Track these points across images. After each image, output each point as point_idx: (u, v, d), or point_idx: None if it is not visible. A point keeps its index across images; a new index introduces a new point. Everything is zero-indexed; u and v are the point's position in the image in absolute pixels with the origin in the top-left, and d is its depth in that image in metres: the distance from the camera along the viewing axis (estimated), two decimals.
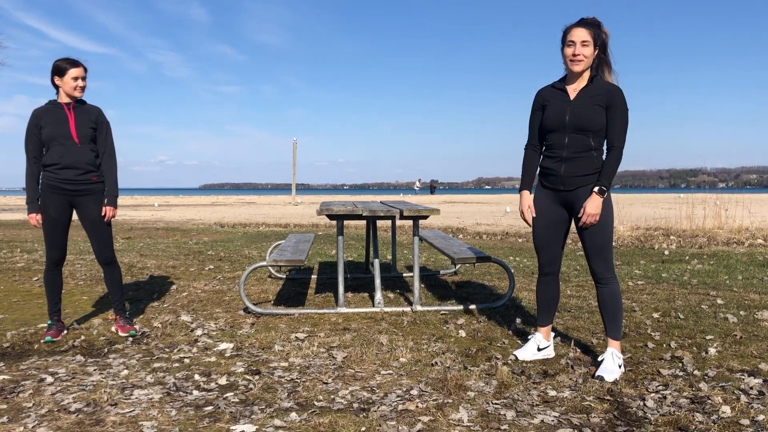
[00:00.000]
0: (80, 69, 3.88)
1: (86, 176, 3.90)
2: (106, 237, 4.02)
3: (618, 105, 3.14)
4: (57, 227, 3.92)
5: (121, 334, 4.03)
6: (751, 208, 17.13)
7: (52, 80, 3.89)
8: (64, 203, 3.90)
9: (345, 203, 5.34)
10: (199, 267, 7.16)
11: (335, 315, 4.64)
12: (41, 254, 8.32)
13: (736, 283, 5.87)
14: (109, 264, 4.08)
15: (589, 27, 3.17)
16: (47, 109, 3.90)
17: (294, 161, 33.56)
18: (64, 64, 3.85)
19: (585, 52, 3.16)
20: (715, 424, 2.52)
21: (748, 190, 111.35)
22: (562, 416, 2.64)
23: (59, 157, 3.83)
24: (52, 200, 3.88)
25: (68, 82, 3.85)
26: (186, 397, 2.89)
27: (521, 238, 10.56)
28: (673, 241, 9.64)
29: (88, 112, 3.95)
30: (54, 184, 3.86)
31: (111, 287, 4.13)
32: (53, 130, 3.83)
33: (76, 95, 3.90)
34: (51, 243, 3.94)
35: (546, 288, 3.50)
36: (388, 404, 2.77)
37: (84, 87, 3.92)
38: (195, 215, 19.39)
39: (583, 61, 3.17)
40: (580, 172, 3.20)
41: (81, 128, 3.88)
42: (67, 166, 3.84)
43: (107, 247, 4.04)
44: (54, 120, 3.85)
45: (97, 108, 4.03)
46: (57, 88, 3.91)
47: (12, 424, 2.56)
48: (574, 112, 3.18)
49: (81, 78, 3.88)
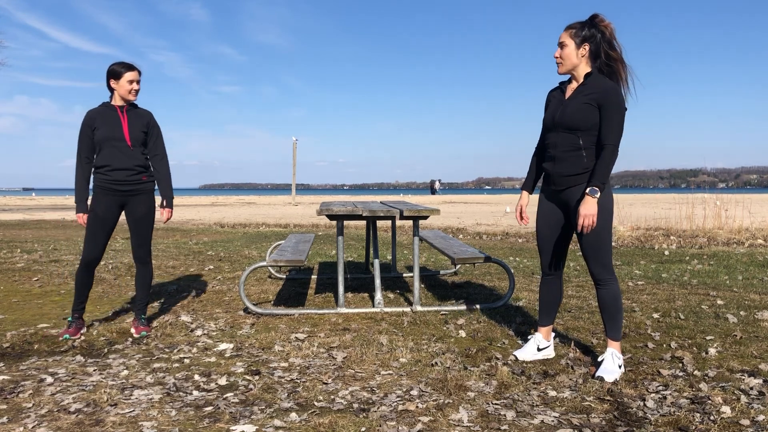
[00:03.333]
0: (135, 72, 3.96)
1: (137, 176, 3.97)
2: (146, 236, 4.08)
3: (612, 104, 3.07)
4: (102, 227, 3.95)
5: (134, 334, 4.04)
6: (751, 209, 17.13)
7: (108, 83, 3.96)
8: (114, 203, 3.96)
9: (345, 203, 5.33)
10: (199, 267, 7.16)
11: (335, 315, 4.63)
12: (41, 254, 8.32)
13: (736, 283, 5.87)
14: (143, 263, 4.13)
15: (569, 28, 3.20)
16: (101, 111, 3.96)
17: (294, 161, 33.56)
18: (120, 68, 3.92)
19: (563, 53, 3.20)
20: (715, 425, 2.52)
21: (748, 190, 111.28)
22: (562, 416, 2.64)
23: (112, 158, 3.90)
24: (103, 201, 3.93)
25: (124, 85, 3.92)
26: (186, 397, 2.89)
27: (521, 239, 10.55)
28: (673, 241, 9.64)
29: (141, 116, 4.02)
30: (106, 185, 3.92)
31: (139, 286, 4.17)
32: (107, 132, 3.89)
33: (131, 98, 3.97)
34: (91, 241, 3.96)
35: (548, 289, 3.50)
36: (388, 404, 2.77)
37: (138, 90, 3.99)
38: (195, 215, 19.40)
39: (562, 63, 3.22)
40: (568, 171, 3.19)
41: (134, 131, 3.95)
42: (118, 168, 3.91)
43: (143, 247, 4.08)
44: (107, 122, 3.91)
45: (149, 112, 4.09)
46: (112, 91, 3.97)
47: (12, 424, 2.56)
48: (563, 111, 3.19)
49: (136, 81, 3.96)
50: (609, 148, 3.07)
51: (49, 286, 5.94)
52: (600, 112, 3.10)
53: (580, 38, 3.17)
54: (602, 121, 3.10)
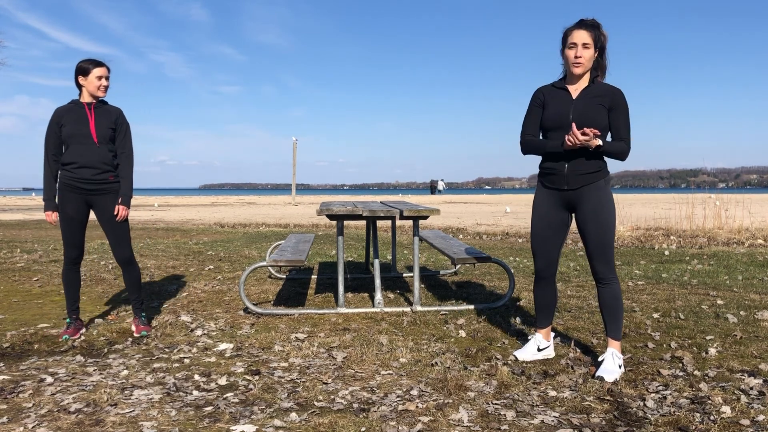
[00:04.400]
0: (104, 69, 3.94)
1: (103, 176, 3.93)
2: (122, 235, 4.04)
3: (622, 106, 3.18)
4: (74, 226, 3.94)
5: (135, 333, 4.04)
6: (751, 208, 17.14)
7: (76, 80, 3.94)
8: (81, 202, 3.93)
9: (345, 203, 5.33)
10: (199, 267, 7.16)
11: (335, 315, 4.63)
12: (41, 254, 8.32)
13: (736, 283, 5.87)
14: (128, 263, 4.09)
15: (590, 29, 3.17)
16: (69, 109, 3.94)
17: (294, 161, 33.56)
18: (87, 65, 3.91)
19: (586, 54, 3.17)
20: (715, 425, 2.52)
21: (748, 190, 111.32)
22: (562, 416, 2.64)
23: (78, 156, 3.87)
24: (69, 199, 3.91)
25: (92, 81, 3.90)
26: (186, 397, 2.89)
27: (521, 239, 10.56)
28: (673, 241, 9.64)
29: (109, 113, 3.99)
30: (71, 183, 3.89)
31: (129, 286, 4.15)
32: (73, 128, 3.88)
33: (100, 95, 3.95)
34: (69, 241, 3.96)
35: (542, 292, 3.50)
36: (388, 404, 2.77)
37: (107, 87, 3.97)
38: (195, 215, 19.40)
39: (584, 64, 3.18)
40: (584, 170, 3.19)
41: (101, 128, 3.92)
42: (84, 166, 3.88)
43: (123, 246, 4.05)
44: (75, 119, 3.89)
45: (118, 109, 4.06)
46: (80, 88, 3.96)
47: (12, 424, 2.56)
48: (578, 110, 3.18)
49: (104, 77, 3.94)
50: (625, 141, 3.18)
51: (49, 286, 5.94)
52: (610, 114, 3.18)
53: (598, 42, 3.20)
54: (614, 121, 3.18)
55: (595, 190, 3.19)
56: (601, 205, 3.19)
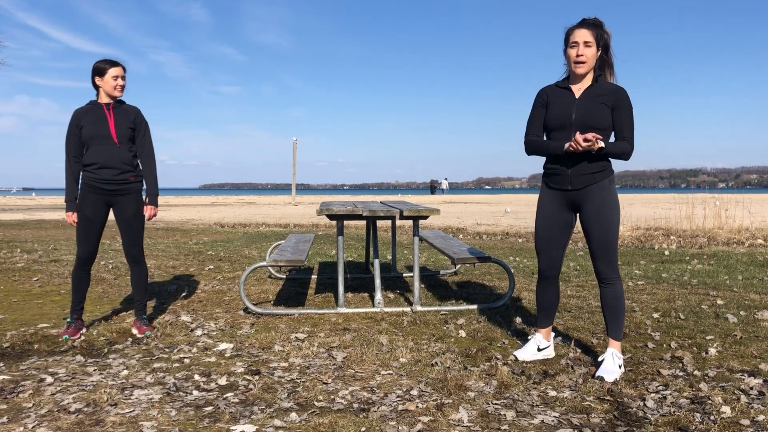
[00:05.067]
0: (119, 68, 3.96)
1: (124, 176, 3.95)
2: (136, 235, 4.07)
3: (625, 105, 3.17)
4: (92, 226, 3.96)
5: (137, 335, 4.04)
6: (751, 208, 17.13)
7: (93, 81, 3.96)
8: (101, 203, 3.95)
9: (345, 203, 5.34)
10: (199, 267, 7.16)
11: (335, 315, 4.63)
12: (41, 254, 8.32)
13: (736, 283, 5.87)
14: (137, 263, 4.12)
15: (591, 28, 3.17)
16: (87, 110, 3.96)
17: (294, 161, 33.57)
18: (103, 65, 3.93)
19: (588, 53, 3.16)
20: (715, 425, 2.52)
21: (748, 190, 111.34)
22: (562, 416, 2.64)
23: (98, 156, 3.89)
24: (90, 200, 3.93)
25: (108, 81, 3.92)
26: (186, 397, 2.89)
27: (521, 239, 10.56)
28: (673, 241, 9.64)
29: (127, 112, 4.01)
30: (92, 183, 3.92)
31: (135, 286, 4.17)
32: (93, 129, 3.90)
33: (116, 94, 3.96)
34: (84, 241, 3.97)
35: (545, 291, 3.50)
36: (388, 404, 2.77)
37: (123, 86, 3.99)
38: (195, 215, 19.39)
39: (586, 63, 3.18)
40: (588, 170, 3.19)
41: (120, 128, 3.94)
42: (105, 166, 3.90)
43: (135, 246, 4.08)
44: (94, 120, 3.91)
45: (136, 108, 4.08)
46: (97, 88, 3.98)
47: (12, 424, 2.56)
48: (581, 110, 3.18)
49: (121, 77, 3.96)
50: (628, 140, 3.18)
51: (49, 286, 5.94)
52: (614, 113, 3.17)
53: (600, 40, 3.20)
54: (617, 121, 3.17)
55: (599, 190, 3.19)
56: (604, 205, 3.18)
